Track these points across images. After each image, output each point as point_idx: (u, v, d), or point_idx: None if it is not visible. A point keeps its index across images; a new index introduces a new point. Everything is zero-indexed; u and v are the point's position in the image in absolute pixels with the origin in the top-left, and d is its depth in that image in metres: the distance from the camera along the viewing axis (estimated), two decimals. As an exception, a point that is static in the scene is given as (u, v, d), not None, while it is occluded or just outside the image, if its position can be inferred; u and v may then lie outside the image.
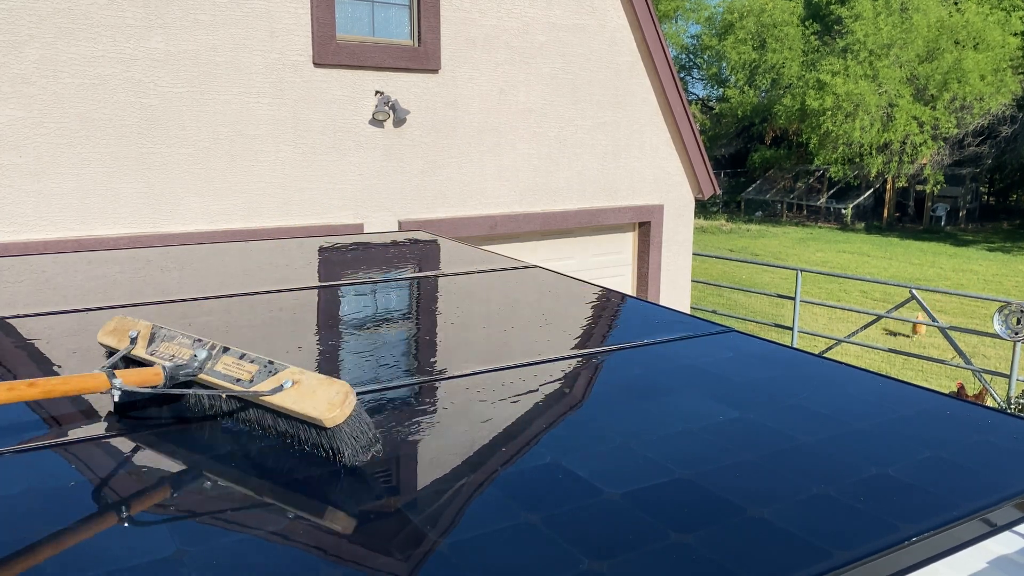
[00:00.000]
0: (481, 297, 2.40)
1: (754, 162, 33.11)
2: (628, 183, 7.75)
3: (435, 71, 6.37)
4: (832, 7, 28.86)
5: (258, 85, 5.57)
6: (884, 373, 1.75)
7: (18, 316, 2.03)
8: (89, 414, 1.43)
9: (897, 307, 9.76)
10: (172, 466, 1.22)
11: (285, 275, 2.64)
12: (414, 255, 3.05)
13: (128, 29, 5.08)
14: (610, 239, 7.93)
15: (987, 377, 8.89)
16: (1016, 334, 7.81)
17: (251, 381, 1.27)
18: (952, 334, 9.39)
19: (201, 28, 5.31)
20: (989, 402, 8.50)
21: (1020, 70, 26.25)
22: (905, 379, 1.75)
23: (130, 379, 1.31)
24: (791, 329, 10.37)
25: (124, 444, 1.30)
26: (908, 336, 12.27)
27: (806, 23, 30.13)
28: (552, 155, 7.16)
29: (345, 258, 3.01)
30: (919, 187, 28.15)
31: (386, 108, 6.06)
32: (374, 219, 6.22)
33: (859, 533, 1.04)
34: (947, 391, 8.26)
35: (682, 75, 37.63)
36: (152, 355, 1.41)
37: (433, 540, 1.03)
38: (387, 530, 1.05)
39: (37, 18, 4.80)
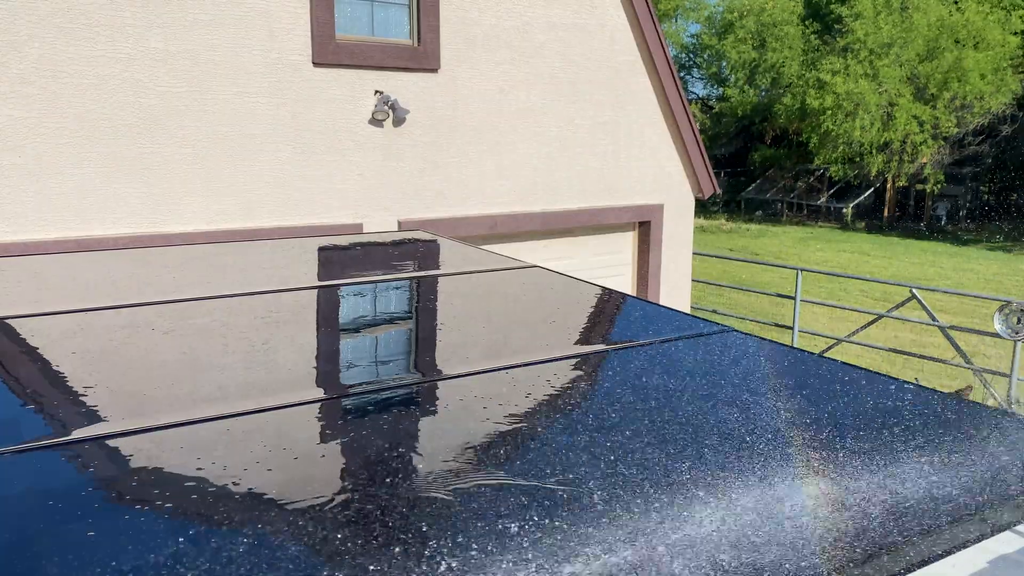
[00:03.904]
0: (481, 297, 2.40)
1: (754, 161, 33.10)
2: (628, 183, 7.75)
3: (435, 70, 6.36)
4: (832, 6, 28.84)
5: (257, 85, 5.57)
6: (884, 373, 1.75)
7: (18, 316, 2.03)
8: (89, 414, 1.43)
9: (897, 307, 9.76)
10: (172, 466, 1.22)
11: (285, 275, 2.64)
12: (414, 255, 3.05)
13: (127, 29, 5.07)
14: (610, 239, 7.93)
15: (987, 377, 8.89)
16: (1016, 333, 7.81)
17: None
18: (952, 333, 9.39)
19: (200, 27, 5.30)
20: (989, 402, 8.50)
21: (1020, 69, 26.23)
22: (905, 378, 1.74)
23: None
24: (791, 329, 10.37)
25: (124, 444, 1.30)
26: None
27: (806, 22, 30.12)
28: (552, 155, 7.16)
29: (345, 258, 3.01)
30: (919, 186, 28.14)
31: (385, 108, 6.05)
32: (373, 219, 6.22)
33: (859, 533, 1.04)
34: (948, 391, 8.25)
35: (682, 74, 37.62)
36: None
37: (433, 540, 1.03)
38: (387, 530, 1.05)
39: (36, 18, 4.80)
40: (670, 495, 1.15)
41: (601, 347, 1.89)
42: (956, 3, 26.36)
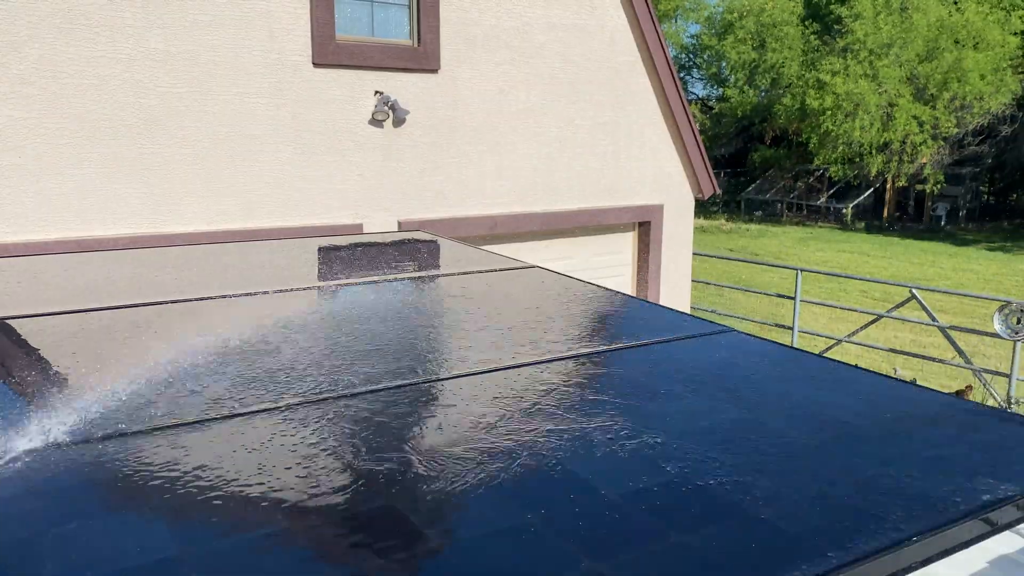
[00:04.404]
0: (481, 297, 2.40)
1: (754, 162, 33.10)
2: (628, 183, 7.75)
3: (435, 71, 6.36)
4: (832, 7, 28.83)
5: (257, 85, 5.57)
6: (884, 373, 1.75)
7: (18, 316, 2.03)
8: (89, 414, 1.43)
9: (897, 307, 9.76)
10: (172, 466, 1.22)
11: (285, 275, 2.64)
12: (414, 255, 3.05)
13: (127, 29, 5.07)
14: (610, 239, 7.93)
15: (987, 377, 8.89)
16: (1016, 333, 7.80)
17: None
18: (952, 333, 9.39)
19: (200, 28, 5.30)
20: (989, 402, 8.49)
21: (1020, 69, 26.22)
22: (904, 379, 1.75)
23: None
24: (791, 329, 10.37)
25: (124, 444, 1.30)
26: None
27: (806, 23, 30.10)
28: (552, 155, 7.15)
29: (345, 258, 3.02)
30: (919, 187, 28.13)
31: (385, 108, 6.05)
32: (373, 219, 6.22)
33: (859, 533, 1.04)
34: (948, 391, 8.24)
35: (682, 75, 37.62)
36: None
37: (433, 540, 1.03)
38: (387, 530, 1.05)
39: (36, 18, 4.80)
40: (671, 493, 1.15)
41: (601, 347, 1.89)
42: (956, 3, 26.35)
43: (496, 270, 2.74)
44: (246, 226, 5.62)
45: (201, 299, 2.26)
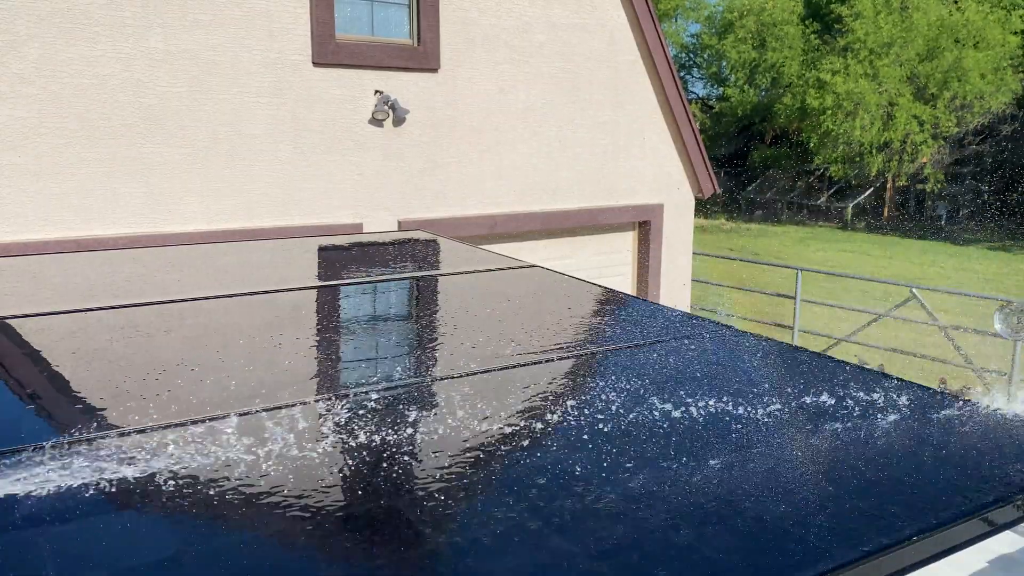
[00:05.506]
0: (481, 297, 2.40)
1: (754, 161, 33.10)
2: (628, 183, 7.75)
3: (435, 70, 6.36)
4: (832, 6, 28.83)
5: (257, 85, 5.57)
6: (884, 372, 1.75)
7: (18, 316, 2.03)
8: (88, 414, 1.43)
9: (897, 306, 9.76)
10: (172, 465, 1.22)
11: (285, 275, 2.65)
12: (414, 255, 3.05)
13: (127, 29, 5.07)
14: (610, 239, 7.93)
15: (987, 377, 8.89)
16: (1016, 333, 7.79)
17: None
18: (952, 333, 9.39)
19: (200, 28, 5.30)
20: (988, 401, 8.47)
21: (1020, 69, 26.22)
22: (905, 378, 1.75)
23: None
24: (791, 328, 10.37)
25: (125, 445, 1.30)
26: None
27: (806, 22, 30.10)
28: (552, 155, 7.15)
29: (345, 258, 3.02)
30: (919, 186, 28.13)
31: (385, 107, 6.05)
32: (373, 219, 6.22)
33: (859, 533, 1.04)
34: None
35: (682, 74, 37.61)
36: None
37: (433, 540, 1.03)
38: (387, 530, 1.05)
39: (36, 18, 4.80)
40: (672, 491, 1.15)
41: (601, 347, 1.89)
42: (956, 3, 26.35)
43: (496, 269, 2.74)
44: (246, 225, 5.62)
45: (201, 299, 2.26)
